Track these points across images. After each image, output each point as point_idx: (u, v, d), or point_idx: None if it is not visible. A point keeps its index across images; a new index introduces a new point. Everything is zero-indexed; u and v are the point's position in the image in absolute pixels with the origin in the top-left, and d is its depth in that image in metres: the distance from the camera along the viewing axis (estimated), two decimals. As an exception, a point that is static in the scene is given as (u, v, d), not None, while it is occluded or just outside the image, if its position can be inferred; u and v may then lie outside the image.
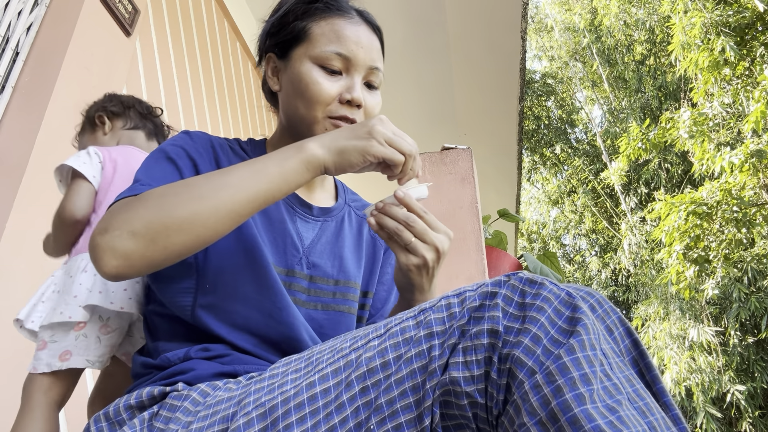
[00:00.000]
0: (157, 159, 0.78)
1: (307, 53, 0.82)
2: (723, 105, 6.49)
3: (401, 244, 0.74)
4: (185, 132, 0.85)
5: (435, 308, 0.54)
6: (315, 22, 0.83)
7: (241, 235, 0.77)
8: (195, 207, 0.64)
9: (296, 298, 0.81)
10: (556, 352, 0.46)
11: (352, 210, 0.95)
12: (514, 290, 0.51)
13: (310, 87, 0.80)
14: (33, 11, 1.75)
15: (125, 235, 0.63)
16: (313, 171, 0.71)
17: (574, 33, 11.39)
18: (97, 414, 0.69)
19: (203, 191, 0.65)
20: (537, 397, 0.44)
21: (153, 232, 0.63)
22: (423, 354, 0.51)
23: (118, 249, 0.62)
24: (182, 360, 0.72)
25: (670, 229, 6.11)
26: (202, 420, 0.59)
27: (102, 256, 0.63)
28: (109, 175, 1.25)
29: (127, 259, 0.63)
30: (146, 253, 0.63)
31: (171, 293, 0.76)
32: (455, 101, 3.99)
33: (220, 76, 2.95)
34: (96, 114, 1.39)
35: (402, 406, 0.50)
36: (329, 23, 0.83)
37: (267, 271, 0.76)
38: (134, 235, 0.63)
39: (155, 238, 0.63)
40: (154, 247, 0.63)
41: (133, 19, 2.01)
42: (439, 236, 0.74)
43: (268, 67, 0.89)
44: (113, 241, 0.63)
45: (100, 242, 0.63)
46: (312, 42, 0.82)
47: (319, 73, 0.81)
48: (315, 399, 0.53)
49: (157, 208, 0.64)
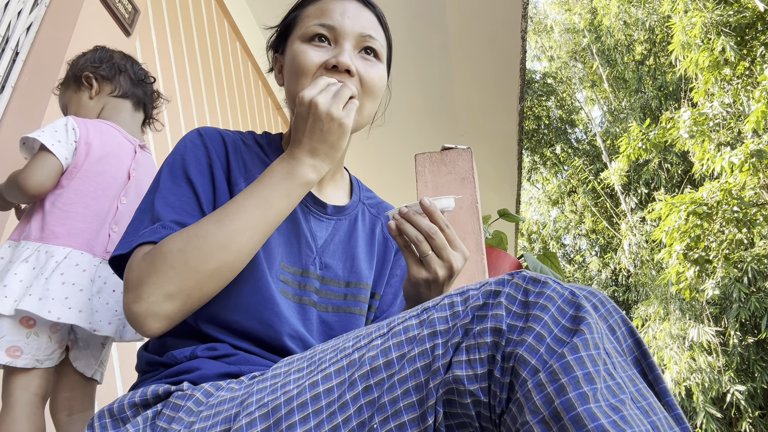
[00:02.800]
0: (175, 178, 0.77)
1: (296, 36, 0.83)
2: (723, 105, 6.49)
3: (416, 255, 0.74)
4: (197, 132, 0.82)
5: (438, 307, 0.54)
6: (303, 8, 0.86)
7: None
8: (220, 257, 0.68)
9: (310, 299, 0.80)
10: (560, 350, 0.46)
11: (366, 208, 0.94)
12: (517, 289, 0.51)
13: (296, 60, 0.80)
14: (33, 11, 1.75)
15: (161, 300, 0.66)
16: (309, 188, 0.75)
17: (574, 33, 11.39)
18: (101, 410, 0.69)
19: (222, 240, 0.68)
20: (540, 396, 0.44)
21: (188, 290, 0.66)
22: (426, 353, 0.51)
23: (160, 313, 0.66)
24: (188, 358, 0.72)
25: (670, 230, 6.11)
26: (204, 420, 0.58)
27: (144, 323, 0.66)
28: (81, 159, 1.20)
29: (169, 319, 0.67)
30: (185, 308, 0.67)
31: None
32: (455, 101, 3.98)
33: (220, 76, 2.95)
34: (84, 74, 1.31)
35: (405, 405, 0.49)
36: (316, 5, 0.84)
37: (267, 283, 0.76)
38: (171, 297, 0.66)
39: (191, 294, 0.67)
40: (191, 302, 0.67)
41: (133, 19, 2.01)
42: (455, 254, 0.73)
43: (276, 68, 0.90)
44: (152, 308, 0.65)
45: (140, 311, 0.66)
46: (299, 24, 0.84)
47: (306, 46, 0.81)
48: (318, 398, 0.53)
49: (184, 266, 0.66)
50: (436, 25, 3.35)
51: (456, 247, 0.74)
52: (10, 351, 1.07)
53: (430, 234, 0.72)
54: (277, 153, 0.87)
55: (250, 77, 3.37)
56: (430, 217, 0.73)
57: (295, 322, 0.77)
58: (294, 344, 0.76)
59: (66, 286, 1.10)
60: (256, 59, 3.37)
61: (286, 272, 0.79)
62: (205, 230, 0.69)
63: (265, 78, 3.52)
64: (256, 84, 3.45)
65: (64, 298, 1.09)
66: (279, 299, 0.76)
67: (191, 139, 0.81)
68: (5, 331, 1.07)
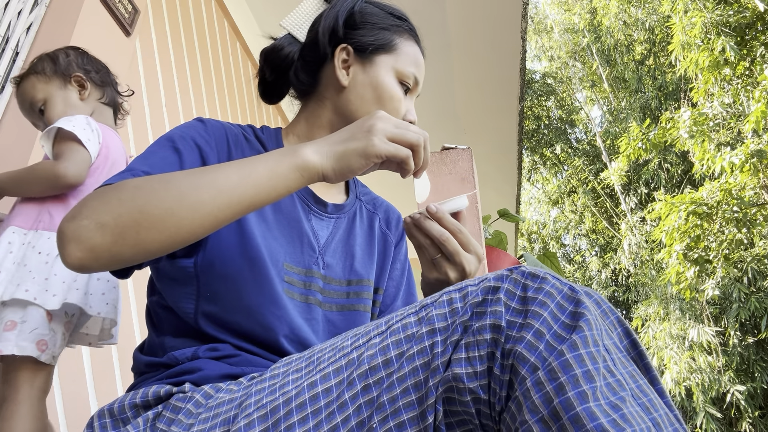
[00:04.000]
0: (162, 146, 0.74)
1: (393, 66, 0.85)
2: (723, 105, 6.49)
3: (427, 256, 0.74)
4: (199, 119, 0.81)
5: (437, 304, 0.53)
6: (403, 40, 0.88)
7: (246, 246, 0.74)
8: (170, 205, 0.59)
9: (315, 299, 0.80)
10: (559, 348, 0.45)
11: (363, 204, 0.94)
12: (516, 284, 0.51)
13: (393, 101, 0.84)
14: (33, 11, 1.75)
15: (93, 226, 0.58)
16: (309, 179, 0.66)
17: (574, 33, 11.39)
18: (101, 409, 0.68)
19: (183, 189, 0.60)
20: (539, 395, 0.44)
21: (122, 227, 0.58)
22: (425, 351, 0.50)
23: (84, 240, 0.58)
24: (190, 359, 0.71)
25: (670, 230, 6.11)
26: (203, 422, 0.58)
27: (66, 246, 0.58)
28: (101, 161, 1.20)
29: (92, 251, 0.58)
30: (113, 248, 0.58)
31: (174, 297, 0.74)
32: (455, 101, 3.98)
33: (220, 76, 2.95)
34: (75, 74, 1.30)
35: (404, 404, 0.49)
36: (412, 47, 0.88)
37: (271, 284, 0.74)
38: (102, 227, 0.58)
39: (124, 234, 0.58)
40: (122, 243, 0.58)
41: (133, 19, 2.01)
42: (468, 257, 0.73)
43: (338, 57, 0.85)
44: (79, 231, 0.58)
45: (67, 230, 0.59)
46: (399, 57, 0.86)
47: (400, 90, 0.86)
48: (317, 399, 0.53)
49: (131, 201, 0.59)
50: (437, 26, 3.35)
51: (470, 250, 0.73)
52: (40, 344, 1.06)
53: (441, 240, 0.71)
54: (276, 147, 0.86)
55: (250, 77, 3.37)
56: (440, 223, 0.72)
57: (300, 322, 0.76)
58: (291, 346, 0.75)
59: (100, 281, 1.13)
60: (256, 59, 3.37)
61: (290, 272, 0.78)
62: (171, 176, 0.62)
63: (265, 78, 3.52)
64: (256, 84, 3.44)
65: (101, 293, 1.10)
66: (282, 301, 0.75)
67: (190, 123, 0.79)
68: (37, 323, 1.06)
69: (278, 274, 0.76)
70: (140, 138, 2.08)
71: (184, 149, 0.73)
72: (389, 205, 1.00)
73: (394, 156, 0.67)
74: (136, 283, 1.94)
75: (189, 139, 0.75)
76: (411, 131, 0.68)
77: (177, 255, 0.75)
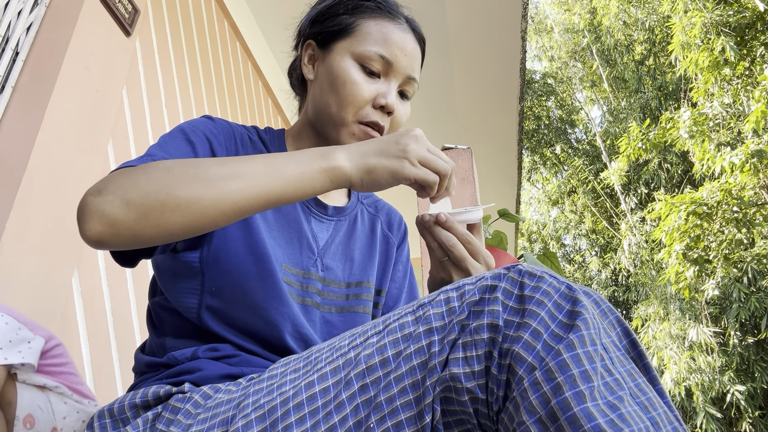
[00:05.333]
0: (174, 136, 0.74)
1: (349, 49, 0.80)
2: (723, 105, 6.49)
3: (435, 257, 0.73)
4: (208, 117, 0.81)
5: (434, 303, 0.53)
6: (364, 20, 0.82)
7: (251, 241, 0.74)
8: (198, 191, 0.60)
9: (313, 300, 0.80)
10: (556, 347, 0.45)
11: (364, 207, 0.94)
12: (513, 283, 0.51)
13: (347, 85, 0.78)
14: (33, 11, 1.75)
15: (118, 203, 0.58)
16: (336, 184, 0.65)
17: (574, 33, 11.38)
18: (101, 410, 0.69)
19: (212, 176, 0.61)
20: (536, 395, 0.44)
21: (148, 206, 0.58)
22: (422, 350, 0.50)
23: (108, 215, 0.58)
24: (189, 359, 0.71)
25: (670, 230, 6.11)
26: (201, 423, 0.58)
27: (89, 218, 0.58)
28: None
29: (113, 227, 0.58)
30: (135, 227, 0.58)
31: (177, 292, 0.74)
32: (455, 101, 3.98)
33: (220, 76, 2.95)
34: None
35: (402, 404, 0.49)
36: (378, 24, 0.81)
37: (276, 281, 0.74)
38: (128, 204, 0.58)
39: (148, 213, 0.58)
40: (145, 222, 0.58)
41: (133, 19, 2.01)
42: (477, 266, 0.72)
43: (305, 54, 0.86)
44: (104, 206, 0.58)
45: (91, 204, 0.58)
46: (357, 38, 0.80)
47: (358, 72, 0.79)
48: (314, 399, 0.53)
49: (159, 182, 0.59)
50: (437, 25, 3.35)
51: (479, 260, 0.72)
52: None
53: (448, 246, 0.71)
54: (279, 148, 0.86)
55: (250, 77, 3.37)
56: (449, 231, 0.71)
57: (302, 321, 0.77)
58: (295, 344, 0.75)
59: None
60: (256, 59, 3.37)
61: (288, 273, 0.78)
62: (201, 162, 0.63)
63: (265, 78, 3.52)
64: (256, 84, 3.44)
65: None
66: (287, 297, 0.75)
67: (200, 119, 0.80)
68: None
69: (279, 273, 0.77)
70: (140, 138, 2.08)
71: (197, 141, 0.74)
72: (391, 208, 1.00)
73: (423, 181, 0.67)
74: (136, 283, 1.94)
75: (200, 132, 0.76)
76: (442, 159, 0.68)
77: (179, 249, 0.75)
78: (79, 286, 1.63)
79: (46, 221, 1.52)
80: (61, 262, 1.54)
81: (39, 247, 1.48)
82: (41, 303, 1.46)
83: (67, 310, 1.56)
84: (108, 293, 1.76)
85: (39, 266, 1.46)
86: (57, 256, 1.53)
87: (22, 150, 1.58)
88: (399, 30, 0.82)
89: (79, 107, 1.70)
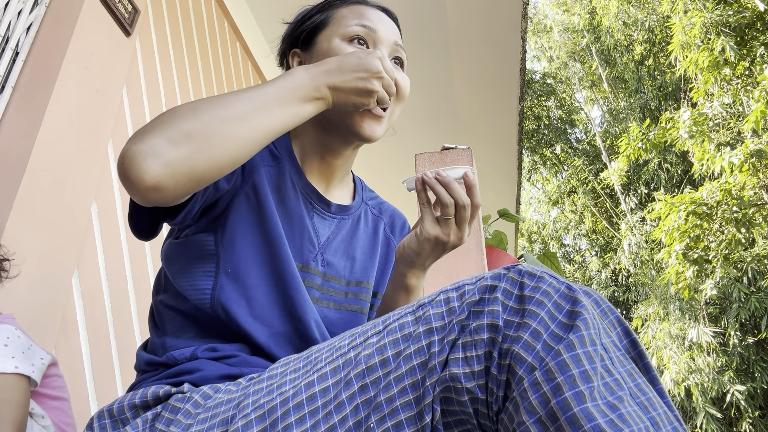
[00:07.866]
0: None
1: (333, 33, 0.83)
2: (723, 105, 6.49)
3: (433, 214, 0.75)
4: None
5: (434, 303, 0.53)
6: (337, 9, 0.86)
7: (265, 228, 0.77)
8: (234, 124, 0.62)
9: (311, 295, 0.80)
10: (556, 348, 0.45)
11: (369, 208, 0.95)
12: (513, 283, 0.51)
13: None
14: (33, 11, 1.75)
15: (164, 143, 0.57)
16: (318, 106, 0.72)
17: (573, 33, 11.38)
18: (101, 410, 0.69)
19: (239, 112, 0.63)
20: (536, 395, 0.44)
21: (196, 142, 0.59)
22: (422, 350, 0.50)
23: (160, 155, 0.56)
24: (188, 359, 0.71)
25: (670, 229, 6.11)
26: (201, 423, 0.58)
27: (142, 163, 0.55)
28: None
29: (169, 166, 0.56)
30: (189, 162, 0.58)
31: (190, 277, 0.75)
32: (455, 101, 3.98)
33: (220, 76, 2.95)
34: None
35: (402, 404, 0.49)
36: (350, 7, 0.86)
37: (288, 266, 0.76)
38: (175, 142, 0.58)
39: (199, 148, 0.59)
40: (197, 156, 0.59)
41: (133, 19, 2.01)
42: (468, 232, 0.76)
43: (293, 62, 0.90)
44: (153, 147, 0.56)
45: (138, 149, 0.56)
46: (336, 23, 0.84)
47: (348, 46, 0.82)
48: (314, 399, 0.53)
49: (194, 117, 0.60)
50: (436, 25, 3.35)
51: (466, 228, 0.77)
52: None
53: (465, 205, 0.74)
54: (284, 145, 0.87)
55: (251, 77, 3.37)
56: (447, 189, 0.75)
57: None
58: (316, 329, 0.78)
59: None
60: (256, 59, 3.37)
61: None
62: (223, 100, 0.64)
63: (265, 78, 3.52)
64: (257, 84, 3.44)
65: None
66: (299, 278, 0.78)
67: None
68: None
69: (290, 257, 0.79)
70: (140, 138, 2.08)
71: None
72: (395, 210, 1.01)
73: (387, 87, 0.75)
74: (136, 283, 1.94)
75: None
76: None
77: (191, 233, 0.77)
78: (79, 286, 1.63)
79: (46, 221, 1.52)
80: (61, 262, 1.54)
81: (39, 247, 1.48)
82: (41, 303, 1.46)
83: (67, 310, 1.56)
84: (108, 293, 1.76)
85: (39, 266, 1.46)
86: (57, 256, 1.52)
87: (22, 150, 1.57)
88: (371, 8, 0.87)
89: (79, 107, 1.70)
